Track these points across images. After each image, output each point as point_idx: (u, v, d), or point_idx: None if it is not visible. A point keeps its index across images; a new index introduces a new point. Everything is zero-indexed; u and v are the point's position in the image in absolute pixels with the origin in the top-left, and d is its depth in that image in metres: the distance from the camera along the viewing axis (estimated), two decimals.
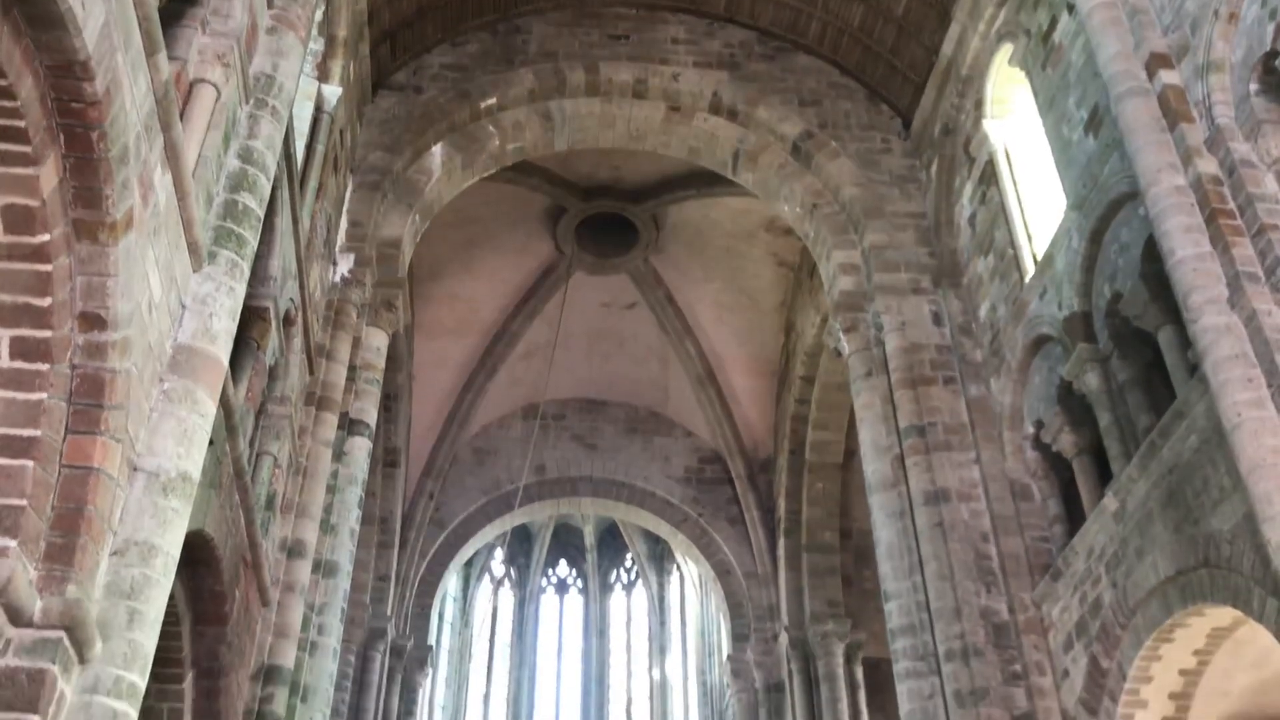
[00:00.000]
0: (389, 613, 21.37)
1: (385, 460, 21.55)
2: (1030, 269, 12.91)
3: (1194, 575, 9.29)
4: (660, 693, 32.56)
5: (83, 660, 5.58)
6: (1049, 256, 12.28)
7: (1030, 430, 12.64)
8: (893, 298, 14.36)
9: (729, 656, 23.69)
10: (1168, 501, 9.71)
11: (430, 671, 24.49)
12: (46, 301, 5.48)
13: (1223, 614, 9.44)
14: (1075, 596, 11.27)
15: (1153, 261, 9.85)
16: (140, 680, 5.87)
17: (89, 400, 5.72)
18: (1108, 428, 10.95)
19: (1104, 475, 11.16)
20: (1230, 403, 7.99)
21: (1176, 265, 8.72)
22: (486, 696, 32.60)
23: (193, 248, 6.91)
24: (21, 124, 5.01)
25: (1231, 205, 8.76)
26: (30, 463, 5.40)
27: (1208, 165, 8.97)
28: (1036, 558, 12.24)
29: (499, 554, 33.58)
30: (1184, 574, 9.42)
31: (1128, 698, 10.29)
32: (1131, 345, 10.84)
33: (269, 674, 10.39)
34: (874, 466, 13.56)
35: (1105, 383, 11.13)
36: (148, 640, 5.98)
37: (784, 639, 21.49)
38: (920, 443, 13.14)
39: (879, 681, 20.50)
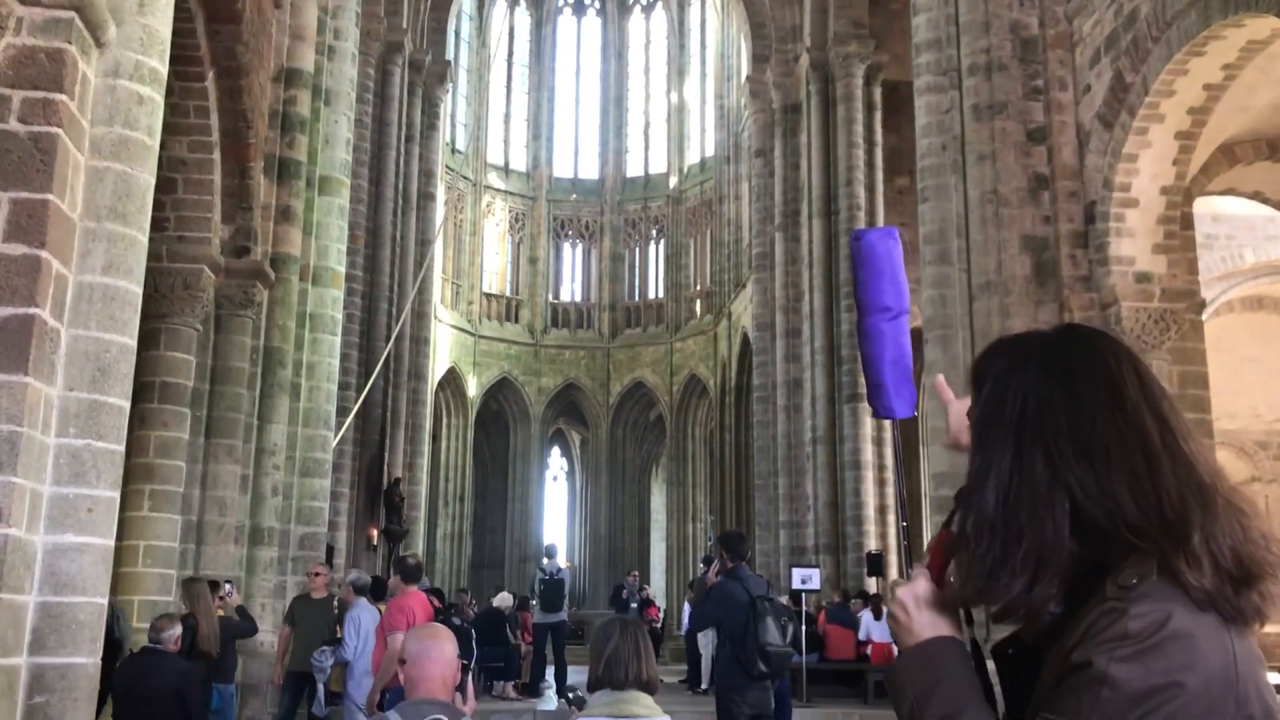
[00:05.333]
0: (405, 26, 21.07)
1: None
2: None
3: None
4: (678, 116, 33.04)
5: (99, 44, 5.54)
6: None
7: None
8: None
9: (748, 78, 23.66)
10: None
11: (450, 87, 24.65)
12: None
13: (1263, 25, 9.17)
14: (1110, 9, 10.89)
15: None
16: (160, 66, 5.86)
17: None
18: None
19: None
20: None
21: None
22: (507, 116, 33.19)
23: None
24: None
25: None
26: None
27: None
28: None
29: None
30: None
31: (1146, 111, 10.32)
32: None
33: (290, 77, 10.43)
34: None
35: None
36: (162, 26, 5.90)
37: (805, 60, 21.29)
38: None
39: (896, 104, 20.64)
